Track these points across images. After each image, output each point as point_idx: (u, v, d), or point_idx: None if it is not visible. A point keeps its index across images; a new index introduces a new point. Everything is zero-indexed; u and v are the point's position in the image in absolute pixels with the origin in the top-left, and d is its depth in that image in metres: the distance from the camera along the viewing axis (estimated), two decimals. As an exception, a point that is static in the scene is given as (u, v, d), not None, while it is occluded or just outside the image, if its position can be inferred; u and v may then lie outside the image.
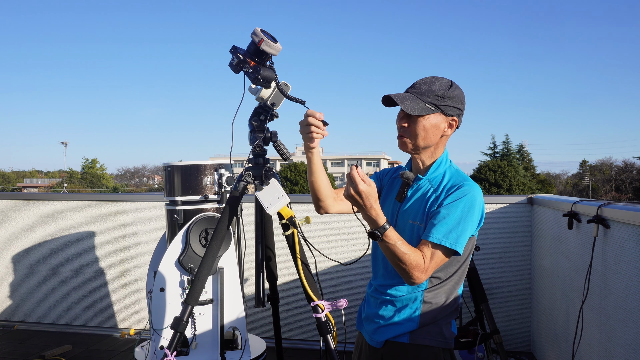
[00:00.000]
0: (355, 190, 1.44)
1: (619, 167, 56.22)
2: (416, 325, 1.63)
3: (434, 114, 1.61)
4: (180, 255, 2.74)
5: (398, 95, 1.61)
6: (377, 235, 1.47)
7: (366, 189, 1.43)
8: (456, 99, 1.63)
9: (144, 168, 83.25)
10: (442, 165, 1.68)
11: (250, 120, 2.11)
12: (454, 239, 1.53)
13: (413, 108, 1.59)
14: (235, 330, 2.80)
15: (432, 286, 1.64)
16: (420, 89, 1.62)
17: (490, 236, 3.82)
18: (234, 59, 1.98)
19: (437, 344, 1.63)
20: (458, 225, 1.54)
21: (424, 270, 1.51)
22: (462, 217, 1.55)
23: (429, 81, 1.63)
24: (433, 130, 1.63)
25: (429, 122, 1.61)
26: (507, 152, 44.68)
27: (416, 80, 1.67)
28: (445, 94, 1.61)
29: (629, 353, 2.02)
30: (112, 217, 4.38)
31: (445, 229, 1.53)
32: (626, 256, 2.06)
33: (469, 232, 1.57)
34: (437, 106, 1.61)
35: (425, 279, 1.53)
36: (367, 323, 1.74)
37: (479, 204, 1.60)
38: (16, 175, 77.95)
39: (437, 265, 1.54)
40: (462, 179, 1.62)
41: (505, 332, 3.75)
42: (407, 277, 1.51)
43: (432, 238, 1.53)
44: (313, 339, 4.01)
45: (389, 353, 1.66)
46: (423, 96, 1.61)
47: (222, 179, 2.89)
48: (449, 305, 1.66)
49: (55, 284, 4.47)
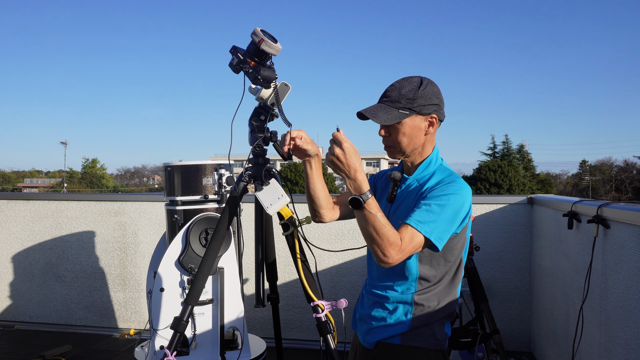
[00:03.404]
0: (340, 147, 1.44)
1: (619, 167, 56.23)
2: (407, 328, 1.61)
3: (409, 117, 1.60)
4: (180, 255, 2.73)
5: (369, 109, 1.61)
6: (360, 201, 1.44)
7: (350, 145, 1.45)
8: (429, 96, 1.61)
9: (144, 168, 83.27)
10: (432, 164, 1.66)
11: (250, 120, 2.11)
12: (431, 229, 1.49)
13: (386, 118, 1.58)
14: (235, 330, 2.80)
15: (422, 289, 1.61)
16: (390, 96, 1.61)
17: (490, 236, 3.82)
18: (234, 59, 1.98)
19: (429, 346, 1.61)
20: (439, 218, 1.50)
21: (399, 250, 1.46)
22: (445, 212, 1.51)
23: (398, 85, 1.62)
24: (414, 133, 1.62)
25: (407, 126, 1.61)
26: (507, 152, 44.65)
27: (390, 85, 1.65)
28: (416, 94, 1.59)
29: (629, 353, 2.02)
30: (112, 217, 4.38)
31: (424, 216, 1.50)
32: (626, 256, 2.06)
33: (450, 229, 1.54)
34: (411, 109, 1.59)
35: (399, 260, 1.47)
36: (361, 324, 1.74)
37: (466, 203, 1.58)
38: (16, 175, 77.92)
39: (413, 249, 1.49)
40: (452, 177, 1.60)
41: (505, 332, 3.75)
42: (382, 254, 1.45)
43: (410, 220, 1.49)
44: (313, 339, 4.01)
45: (380, 354, 1.65)
46: (394, 103, 1.60)
47: (222, 179, 2.89)
48: (442, 309, 1.63)
49: (55, 284, 4.47)
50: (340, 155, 1.45)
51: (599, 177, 56.34)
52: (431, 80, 1.65)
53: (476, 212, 3.81)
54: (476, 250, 3.14)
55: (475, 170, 37.45)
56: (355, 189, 1.45)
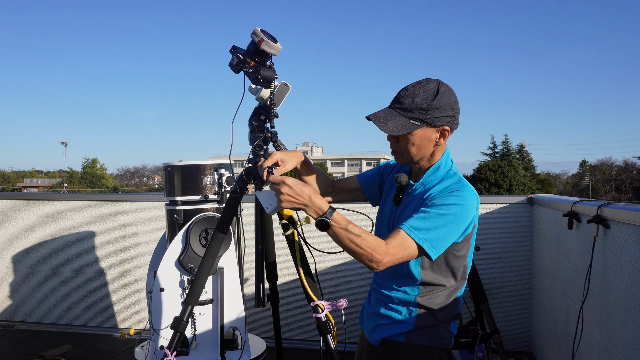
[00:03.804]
0: (284, 185, 1.47)
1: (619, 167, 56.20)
2: (412, 327, 1.61)
3: (420, 128, 1.53)
4: (180, 255, 2.73)
5: (378, 115, 1.54)
6: (326, 221, 1.44)
7: (289, 179, 1.47)
8: (443, 108, 1.52)
9: (144, 168, 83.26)
10: (441, 169, 1.61)
11: (250, 120, 2.11)
12: (425, 237, 1.45)
13: (395, 128, 1.52)
14: (235, 330, 2.80)
15: (425, 292, 1.60)
16: (403, 103, 1.53)
17: (490, 236, 3.82)
18: (234, 59, 1.98)
19: (433, 344, 1.61)
20: (435, 227, 1.46)
21: (386, 253, 1.42)
22: (443, 222, 1.47)
23: (413, 92, 1.53)
24: (424, 144, 1.56)
25: (417, 137, 1.54)
26: (507, 152, 44.67)
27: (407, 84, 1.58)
28: (430, 105, 1.51)
29: (629, 353, 2.02)
30: (112, 217, 4.38)
31: (420, 224, 1.46)
32: (626, 256, 2.06)
33: (447, 238, 1.49)
34: (423, 120, 1.52)
35: (390, 263, 1.44)
36: (367, 321, 1.75)
37: (469, 214, 1.52)
38: (16, 175, 77.90)
39: (405, 254, 1.45)
40: (458, 185, 1.54)
41: (505, 332, 3.75)
42: (369, 261, 1.43)
43: (404, 226, 1.46)
44: (313, 339, 4.01)
45: (386, 352, 1.66)
46: (406, 112, 1.52)
47: (222, 179, 2.89)
48: (446, 312, 1.62)
49: (55, 284, 4.47)
50: (289, 191, 1.47)
51: (599, 177, 56.33)
52: (449, 88, 1.56)
53: (476, 212, 3.81)
54: (476, 250, 3.12)
55: (475, 170, 37.45)
56: (316, 212, 1.47)
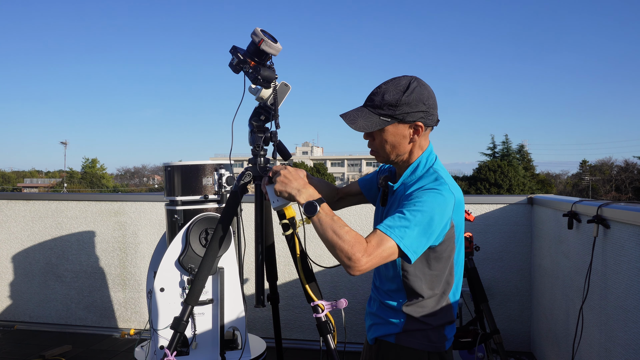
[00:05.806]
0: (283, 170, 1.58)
1: (619, 167, 56.20)
2: (400, 329, 1.59)
3: (391, 124, 1.52)
4: (180, 255, 2.73)
5: (349, 114, 1.55)
6: (314, 204, 1.48)
7: (288, 167, 1.55)
8: (414, 103, 1.51)
9: (144, 168, 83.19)
10: (420, 168, 1.58)
11: (251, 120, 2.11)
12: (402, 234, 1.41)
13: (365, 125, 1.52)
14: (235, 330, 2.80)
15: (411, 301, 1.58)
16: (373, 100, 1.54)
17: (490, 236, 3.82)
18: (234, 59, 1.98)
19: (423, 347, 1.58)
20: (410, 224, 1.42)
21: (365, 252, 1.39)
22: (417, 219, 1.43)
23: (384, 89, 1.53)
24: (397, 141, 1.55)
25: (390, 134, 1.54)
26: (507, 152, 44.65)
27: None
28: (399, 101, 1.50)
29: (629, 353, 2.02)
30: (112, 217, 4.38)
31: (395, 222, 1.43)
32: (626, 256, 2.06)
33: (423, 238, 1.45)
34: (392, 116, 1.51)
35: (368, 265, 1.40)
36: (367, 319, 1.77)
37: (444, 210, 1.47)
38: (16, 175, 77.87)
39: (384, 254, 1.41)
40: (435, 183, 1.51)
41: (505, 332, 3.75)
42: (347, 259, 1.40)
43: (380, 225, 1.44)
44: (313, 339, 4.01)
45: (378, 351, 1.66)
46: (376, 109, 1.52)
47: (222, 179, 2.89)
48: (437, 317, 1.58)
49: (55, 284, 4.47)
50: (287, 173, 1.54)
51: (599, 177, 56.30)
52: (421, 83, 1.54)
53: (476, 212, 3.81)
54: (476, 250, 3.14)
55: (475, 170, 37.48)
56: (307, 197, 1.53)
